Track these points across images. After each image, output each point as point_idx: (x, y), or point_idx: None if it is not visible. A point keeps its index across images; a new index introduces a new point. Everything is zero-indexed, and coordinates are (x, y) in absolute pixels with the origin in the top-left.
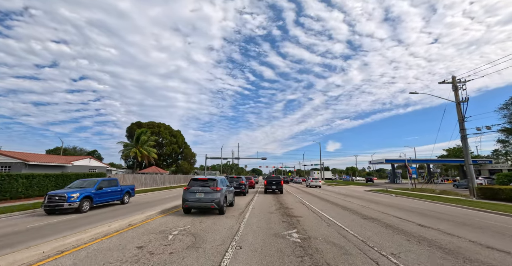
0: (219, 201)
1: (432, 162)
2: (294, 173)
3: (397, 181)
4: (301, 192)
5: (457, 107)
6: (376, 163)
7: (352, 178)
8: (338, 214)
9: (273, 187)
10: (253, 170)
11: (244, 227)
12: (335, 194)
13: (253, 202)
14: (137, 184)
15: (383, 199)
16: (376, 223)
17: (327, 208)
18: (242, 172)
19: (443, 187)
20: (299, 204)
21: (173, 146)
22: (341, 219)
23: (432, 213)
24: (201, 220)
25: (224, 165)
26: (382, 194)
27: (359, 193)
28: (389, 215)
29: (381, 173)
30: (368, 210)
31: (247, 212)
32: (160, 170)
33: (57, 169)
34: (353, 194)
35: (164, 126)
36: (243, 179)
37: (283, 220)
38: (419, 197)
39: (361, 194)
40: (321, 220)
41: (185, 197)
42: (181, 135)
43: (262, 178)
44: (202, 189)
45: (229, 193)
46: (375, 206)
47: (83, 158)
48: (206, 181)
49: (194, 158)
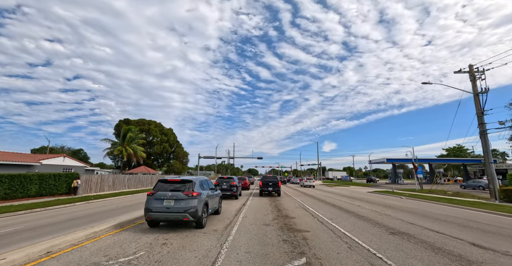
0: (196, 210)
1: (438, 161)
2: (290, 173)
3: (398, 181)
4: (300, 194)
5: (475, 99)
6: (377, 162)
7: (350, 178)
8: (355, 225)
9: (270, 188)
10: (249, 170)
11: (226, 253)
12: (338, 196)
13: (246, 207)
14: (119, 185)
15: (394, 202)
16: (414, 242)
17: (336, 215)
18: (237, 172)
19: (448, 187)
20: (301, 210)
21: (164, 144)
22: (363, 235)
23: (470, 223)
24: (167, 239)
25: (219, 165)
26: (389, 195)
27: (363, 194)
28: (420, 227)
29: (378, 173)
30: (388, 219)
31: (236, 223)
32: (150, 169)
33: (22, 168)
34: (358, 196)
35: (154, 124)
36: (234, 179)
37: (284, 238)
38: (434, 200)
39: (367, 196)
40: (337, 238)
41: (148, 206)
42: (173, 133)
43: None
44: (172, 195)
45: (212, 198)
46: (392, 212)
47: (56, 156)
48: (178, 183)
49: (186, 158)
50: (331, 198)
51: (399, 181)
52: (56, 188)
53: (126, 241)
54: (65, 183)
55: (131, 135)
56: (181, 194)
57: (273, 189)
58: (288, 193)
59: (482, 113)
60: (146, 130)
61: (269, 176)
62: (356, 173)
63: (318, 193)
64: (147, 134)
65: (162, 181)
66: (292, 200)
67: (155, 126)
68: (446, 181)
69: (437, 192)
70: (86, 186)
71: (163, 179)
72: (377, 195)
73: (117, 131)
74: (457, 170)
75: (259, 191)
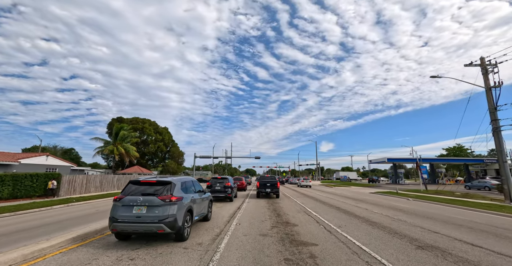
0: (174, 220)
1: (441, 161)
2: (289, 173)
3: (399, 181)
4: (300, 195)
5: (487, 94)
6: (377, 162)
7: (349, 178)
8: (370, 235)
9: (268, 190)
10: (247, 170)
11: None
12: (340, 198)
13: (240, 211)
14: (108, 186)
15: (404, 205)
16: (454, 262)
17: (345, 222)
18: (235, 172)
19: (451, 187)
20: (303, 214)
21: (158, 144)
22: (385, 250)
23: (501, 231)
24: (133, 258)
25: (217, 165)
26: (395, 197)
27: (366, 195)
28: (449, 238)
29: (376, 173)
30: (406, 227)
31: (227, 233)
32: (144, 170)
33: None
34: (361, 197)
35: (149, 122)
36: (229, 180)
37: (287, 255)
38: (446, 202)
39: (370, 197)
40: (352, 254)
41: (114, 214)
42: (168, 132)
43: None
44: (143, 200)
45: (199, 203)
46: (407, 217)
47: (38, 155)
48: (153, 185)
49: (182, 157)
50: (334, 200)
51: (400, 181)
52: (33, 190)
53: (76, 263)
54: (44, 184)
55: (123, 133)
56: (155, 199)
57: (271, 190)
58: (287, 194)
59: (495, 109)
60: (140, 129)
61: (267, 176)
62: None
63: (318, 194)
64: (141, 133)
65: (133, 182)
66: (292, 202)
67: (150, 125)
68: (447, 181)
69: (444, 193)
70: (70, 187)
71: (135, 180)
72: (381, 196)
73: (110, 130)
74: (457, 170)
75: (256, 192)
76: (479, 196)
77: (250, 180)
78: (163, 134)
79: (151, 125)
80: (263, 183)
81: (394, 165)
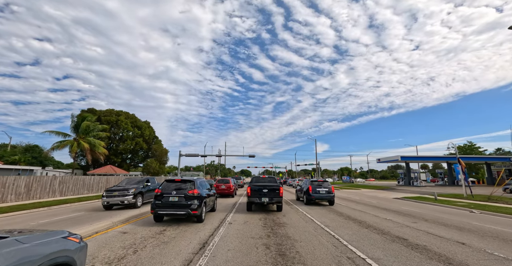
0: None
1: (466, 159)
2: (285, 174)
3: (413, 183)
4: (310, 203)
5: None
6: (387, 161)
7: (352, 180)
8: None
9: (265, 199)
10: (242, 171)
11: None
12: (364, 207)
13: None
14: (42, 192)
15: (475, 222)
16: None
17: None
18: (229, 173)
19: (481, 190)
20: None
21: (137, 139)
22: None
23: None
24: None
25: (209, 165)
26: (439, 206)
27: (392, 202)
28: None
29: (374, 173)
30: None
31: None
32: (118, 169)
33: None
34: (392, 206)
35: (126, 115)
36: (197, 185)
37: None
38: None
39: (403, 206)
40: None
41: None
42: (150, 127)
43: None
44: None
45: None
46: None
47: None
48: None
49: (166, 156)
50: (367, 214)
51: (415, 183)
52: None
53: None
54: None
55: (86, 124)
56: None
57: (270, 200)
58: (291, 201)
59: None
60: (114, 123)
61: (264, 177)
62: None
63: None
64: (115, 127)
65: None
66: (303, 218)
67: (127, 118)
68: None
69: (504, 200)
70: None
71: None
72: (417, 204)
73: None
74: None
75: (247, 204)
76: None
77: (243, 182)
78: (143, 129)
79: (128, 118)
80: (256, 187)
81: (407, 164)
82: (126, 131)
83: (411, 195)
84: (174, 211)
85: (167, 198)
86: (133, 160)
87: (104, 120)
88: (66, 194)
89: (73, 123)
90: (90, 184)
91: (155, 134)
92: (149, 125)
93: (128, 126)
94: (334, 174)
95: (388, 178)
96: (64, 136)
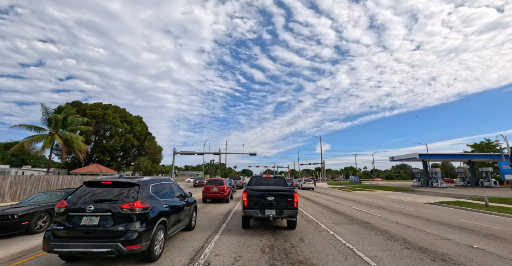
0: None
1: (485, 157)
2: (288, 174)
3: (433, 184)
4: (326, 212)
5: None
6: (403, 159)
7: (359, 180)
8: None
9: (271, 211)
10: (243, 171)
11: None
12: (410, 220)
13: None
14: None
15: None
16: None
17: None
18: (230, 173)
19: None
20: None
21: (127, 136)
22: None
23: None
24: None
25: (209, 164)
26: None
27: (435, 210)
28: None
29: (379, 172)
30: None
31: None
32: (104, 168)
33: None
34: (441, 217)
35: (115, 109)
36: (147, 191)
37: None
38: None
39: (452, 214)
40: None
41: None
42: (142, 122)
43: None
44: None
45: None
46: None
47: None
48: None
49: (160, 154)
50: (414, 230)
51: (435, 184)
52: None
53: None
54: None
55: (63, 116)
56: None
57: (278, 213)
58: (302, 210)
59: None
60: (100, 117)
61: (267, 177)
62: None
63: (357, 209)
64: (101, 121)
65: None
66: (334, 247)
67: (115, 112)
68: (495, 184)
69: None
70: None
71: None
72: (463, 212)
73: None
74: None
75: (242, 218)
76: None
77: (243, 182)
78: (134, 124)
79: (116, 112)
80: (258, 193)
81: (424, 163)
82: (114, 126)
83: (445, 199)
84: (87, 248)
85: (77, 220)
86: (124, 158)
87: (89, 114)
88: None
89: (46, 115)
90: (58, 185)
91: (148, 129)
92: (141, 121)
93: (116, 121)
94: (339, 173)
95: (394, 178)
96: (38, 130)
